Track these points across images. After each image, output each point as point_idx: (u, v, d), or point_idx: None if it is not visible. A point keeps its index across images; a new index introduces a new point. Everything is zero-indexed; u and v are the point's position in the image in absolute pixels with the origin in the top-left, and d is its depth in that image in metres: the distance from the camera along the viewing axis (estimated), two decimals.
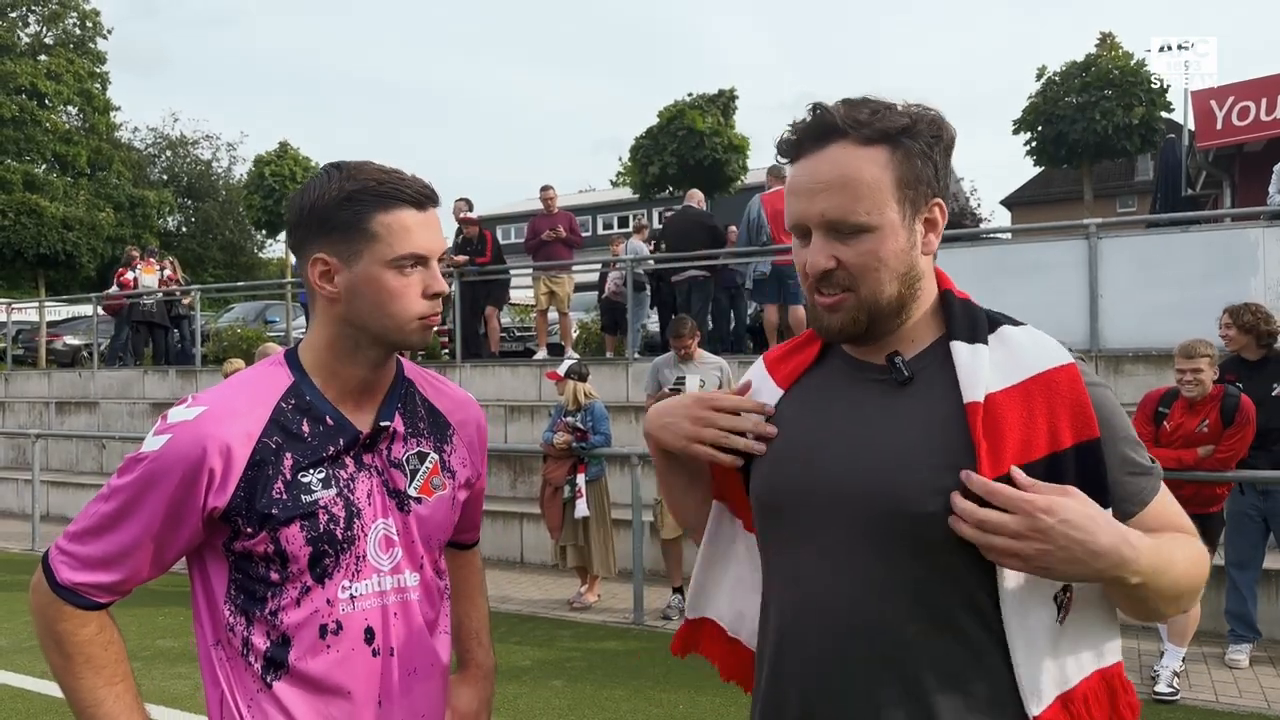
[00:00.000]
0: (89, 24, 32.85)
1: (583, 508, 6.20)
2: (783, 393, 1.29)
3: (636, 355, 9.94)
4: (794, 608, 1.20)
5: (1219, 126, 12.64)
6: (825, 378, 1.28)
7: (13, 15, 31.28)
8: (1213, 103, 12.68)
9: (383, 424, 1.39)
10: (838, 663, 1.14)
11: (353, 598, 1.34)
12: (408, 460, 1.42)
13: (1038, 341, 1.17)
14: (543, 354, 10.79)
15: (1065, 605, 1.12)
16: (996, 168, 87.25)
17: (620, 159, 45.84)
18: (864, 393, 1.22)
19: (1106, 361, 7.59)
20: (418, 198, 1.33)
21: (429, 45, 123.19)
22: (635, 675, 5.02)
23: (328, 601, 1.33)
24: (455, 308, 10.78)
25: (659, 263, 10.22)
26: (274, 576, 1.31)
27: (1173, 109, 15.50)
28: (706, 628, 1.40)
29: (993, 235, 14.84)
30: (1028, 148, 15.81)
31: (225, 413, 1.29)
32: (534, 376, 9.89)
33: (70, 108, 32.57)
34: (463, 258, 10.55)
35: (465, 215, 10.84)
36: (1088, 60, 15.38)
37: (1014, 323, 1.21)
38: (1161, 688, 4.54)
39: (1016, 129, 15.76)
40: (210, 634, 1.34)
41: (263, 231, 30.70)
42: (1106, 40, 15.96)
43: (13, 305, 17.70)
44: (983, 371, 1.14)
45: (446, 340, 12.21)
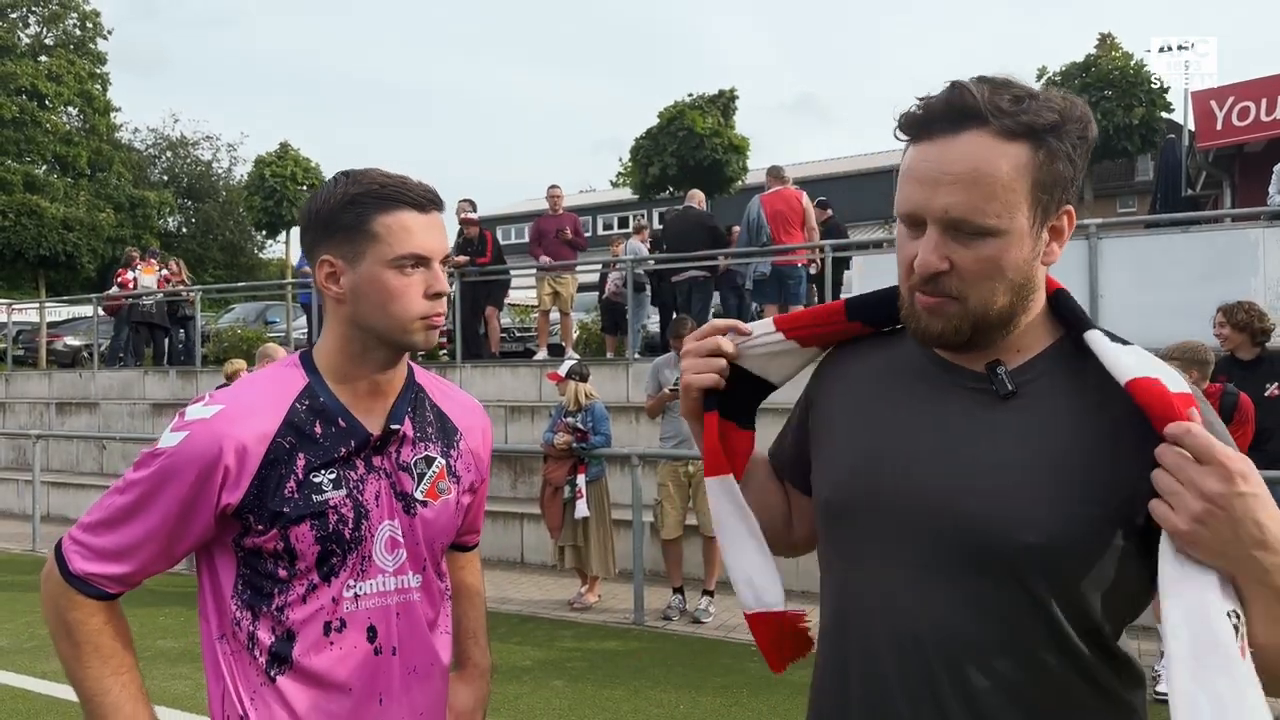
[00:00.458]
0: (89, 25, 32.87)
1: (583, 508, 6.20)
2: (796, 344, 1.22)
3: (637, 356, 9.94)
4: (867, 623, 1.10)
5: (1219, 127, 12.65)
6: (901, 375, 1.16)
7: (13, 16, 31.30)
8: (1213, 103, 12.69)
9: (393, 427, 1.41)
10: (910, 684, 1.06)
11: (357, 597, 1.37)
12: (415, 464, 1.44)
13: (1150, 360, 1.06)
14: (543, 354, 10.78)
15: (1240, 634, 0.90)
16: None
17: (620, 159, 45.88)
18: (957, 401, 1.09)
19: None
20: (420, 200, 1.35)
21: (429, 45, 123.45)
22: (636, 675, 5.02)
23: (333, 600, 1.36)
24: (456, 308, 10.78)
25: (659, 263, 10.22)
26: (282, 573, 1.34)
27: (1173, 109, 15.55)
28: (787, 620, 1.28)
29: None
30: None
31: (242, 412, 1.32)
32: (534, 377, 9.88)
33: (70, 108, 32.59)
34: (463, 258, 10.56)
35: (466, 215, 10.84)
36: (1088, 60, 15.41)
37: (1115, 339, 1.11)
38: (1164, 688, 4.55)
39: None
40: (216, 628, 1.36)
41: (263, 232, 30.76)
42: (1106, 41, 16.00)
43: (13, 306, 17.70)
44: (1126, 357, 1.02)
45: (446, 341, 12.20)
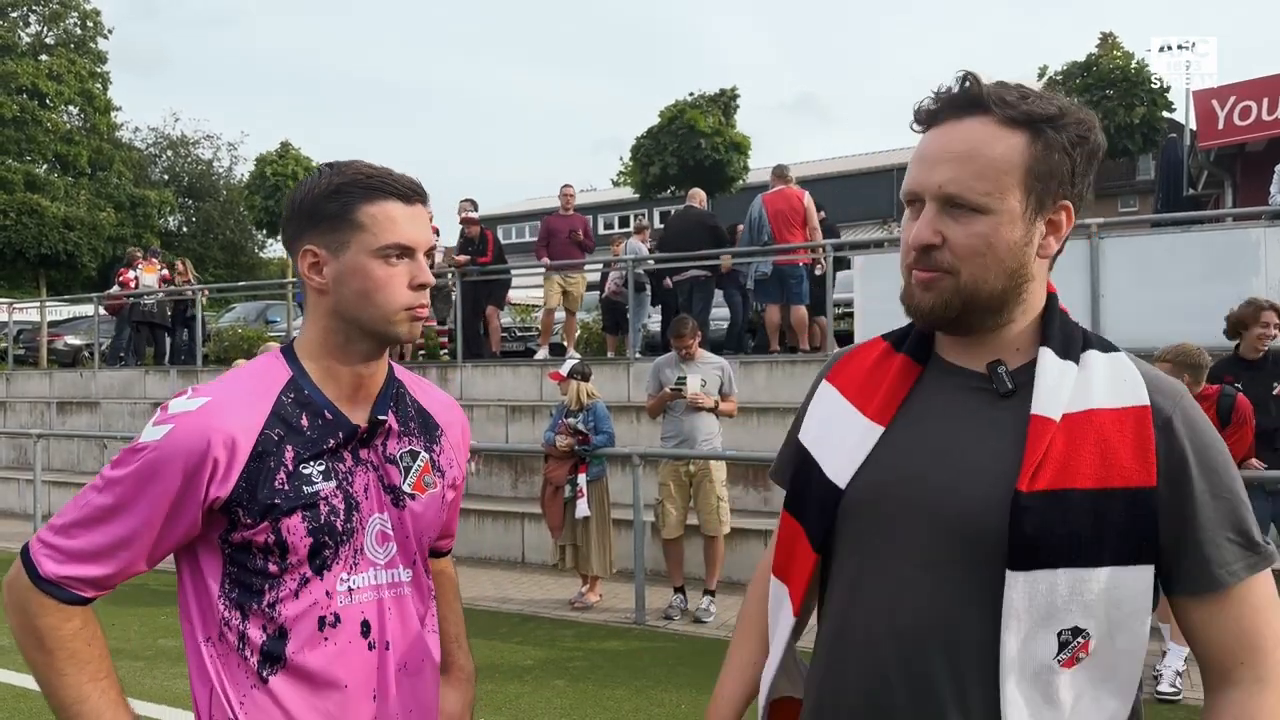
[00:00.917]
0: (89, 24, 32.83)
1: (584, 507, 6.19)
2: (883, 429, 1.18)
3: (637, 355, 9.93)
4: (868, 617, 1.14)
5: (1220, 126, 12.62)
6: (921, 388, 1.20)
7: (13, 15, 31.28)
8: (1214, 102, 12.67)
9: (379, 418, 1.40)
10: (910, 678, 1.09)
11: (350, 590, 1.35)
12: (401, 457, 1.43)
13: (1119, 374, 1.10)
14: (544, 354, 10.78)
15: (1073, 650, 1.04)
16: None
17: (621, 159, 45.80)
18: (959, 401, 1.15)
19: None
20: (404, 191, 1.35)
21: (429, 45, 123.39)
22: (637, 675, 5.02)
23: (326, 594, 1.33)
24: (456, 308, 10.77)
25: (659, 263, 10.22)
26: (272, 568, 1.30)
27: (1174, 109, 15.54)
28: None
29: None
30: None
31: (229, 404, 1.29)
32: (535, 376, 9.87)
33: (71, 108, 32.55)
34: (464, 257, 10.54)
35: (468, 215, 10.83)
36: (1089, 60, 15.41)
37: (1105, 348, 1.14)
38: (1164, 687, 4.54)
39: None
40: (201, 629, 1.32)
41: (263, 231, 30.78)
42: (1107, 40, 16.00)
43: (14, 305, 17.68)
44: (1064, 392, 1.07)
45: (447, 340, 12.20)
